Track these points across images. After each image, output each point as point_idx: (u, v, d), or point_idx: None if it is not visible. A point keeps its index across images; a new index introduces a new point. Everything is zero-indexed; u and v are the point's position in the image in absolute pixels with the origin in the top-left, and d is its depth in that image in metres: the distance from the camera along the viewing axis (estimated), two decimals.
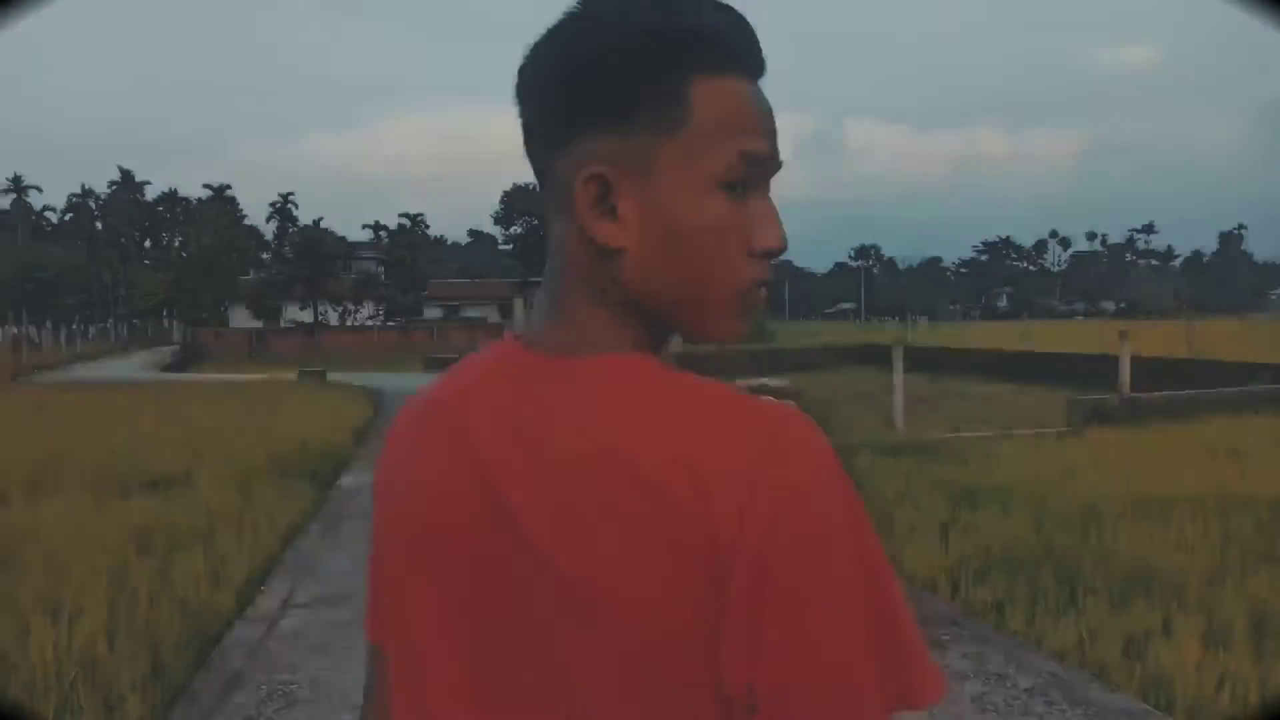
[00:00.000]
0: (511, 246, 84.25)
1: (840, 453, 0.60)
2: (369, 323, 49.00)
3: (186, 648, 4.36)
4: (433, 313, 54.08)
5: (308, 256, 46.76)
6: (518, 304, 29.08)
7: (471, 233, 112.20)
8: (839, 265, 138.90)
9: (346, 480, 8.83)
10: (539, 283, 0.71)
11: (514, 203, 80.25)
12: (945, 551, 5.82)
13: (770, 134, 0.67)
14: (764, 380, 23.42)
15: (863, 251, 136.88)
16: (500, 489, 0.64)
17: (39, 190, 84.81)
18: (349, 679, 3.86)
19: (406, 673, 0.71)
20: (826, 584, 0.57)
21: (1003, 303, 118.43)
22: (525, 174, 0.74)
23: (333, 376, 23.40)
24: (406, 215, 71.06)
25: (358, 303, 50.44)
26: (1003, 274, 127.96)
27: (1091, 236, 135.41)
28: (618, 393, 0.63)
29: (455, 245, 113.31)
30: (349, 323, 48.25)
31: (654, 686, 0.59)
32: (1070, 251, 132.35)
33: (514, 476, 0.64)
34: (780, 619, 0.56)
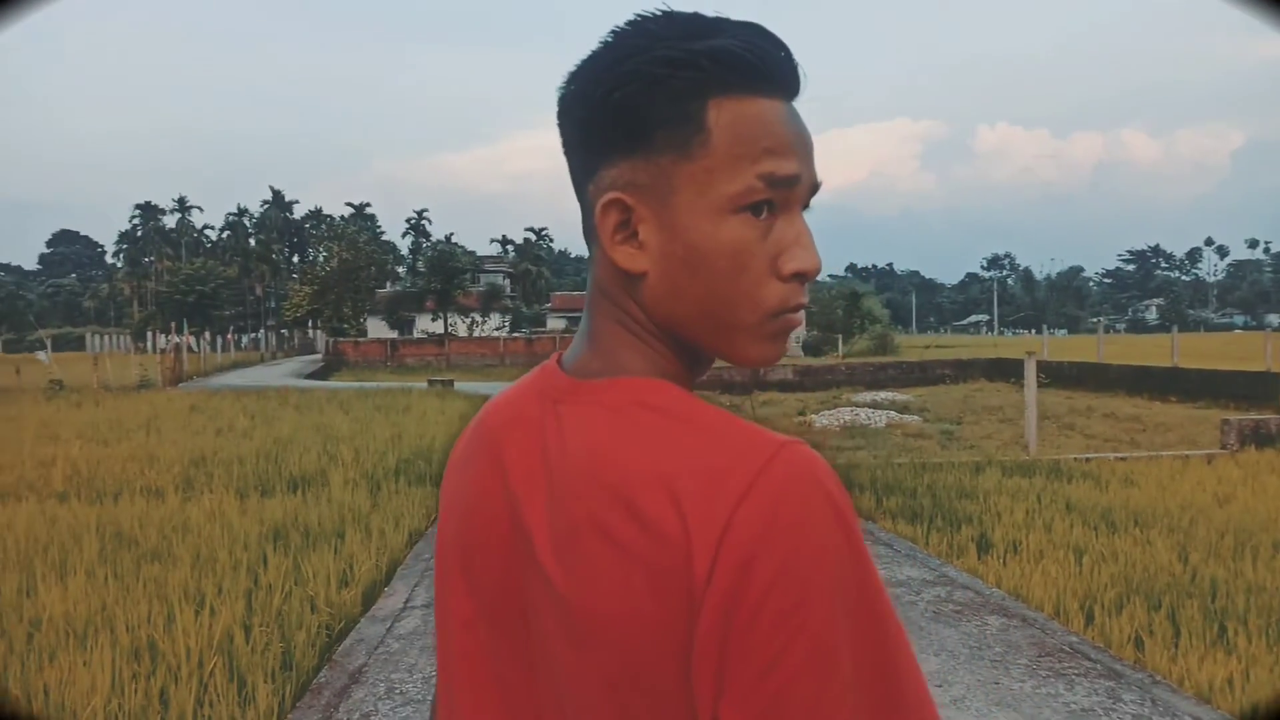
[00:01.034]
0: None
1: (964, 471, 0.55)
2: (495, 333, 50.51)
3: (314, 643, 4.59)
4: (556, 323, 55.25)
5: (439, 271, 48.67)
6: None
7: None
8: (970, 276, 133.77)
9: None
10: None
11: None
12: (1078, 578, 5.48)
13: (798, 154, 0.65)
14: (885, 394, 22.79)
15: (996, 261, 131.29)
16: (521, 506, 0.66)
17: (200, 210, 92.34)
18: None
19: (444, 677, 0.73)
20: (803, 630, 0.54)
21: (1151, 315, 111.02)
22: None
23: (460, 385, 24.20)
24: (532, 230, 73.42)
25: (485, 314, 52.11)
26: (1151, 284, 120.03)
27: (1253, 244, 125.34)
28: (623, 417, 0.63)
29: (579, 258, 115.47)
30: (476, 333, 49.86)
31: (633, 711, 0.58)
32: (1228, 260, 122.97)
33: (531, 495, 0.65)
34: (749, 660, 0.54)
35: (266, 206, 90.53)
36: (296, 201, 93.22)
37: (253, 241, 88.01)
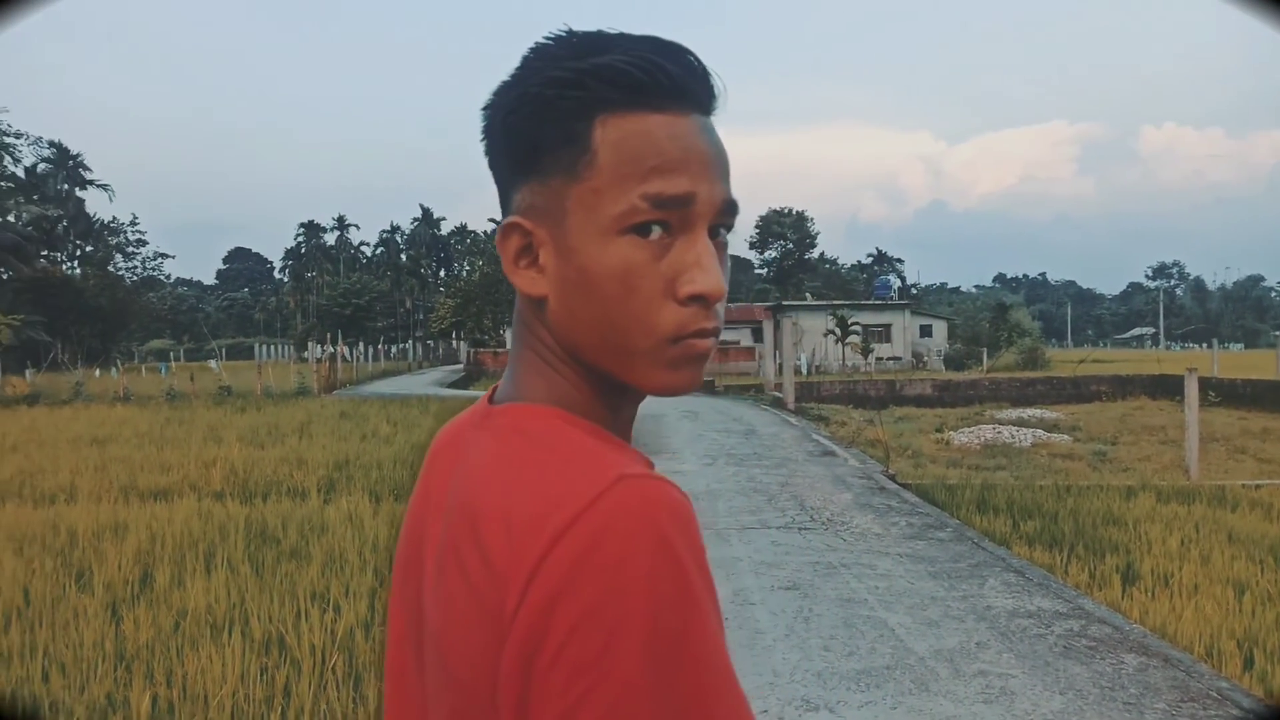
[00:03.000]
0: (766, 270, 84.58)
1: (1114, 496, 0.48)
2: None
3: None
4: None
5: None
6: (767, 327, 29.10)
7: (729, 257, 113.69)
8: (1133, 285, 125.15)
9: None
10: (793, 306, 0.69)
11: (769, 226, 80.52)
12: (1237, 617, 4.98)
13: (690, 172, 0.61)
14: (1032, 411, 21.55)
15: (1162, 270, 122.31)
16: (426, 530, 0.66)
17: (357, 227, 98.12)
18: None
19: (386, 690, 0.74)
20: (605, 679, 0.50)
21: None
22: (780, 197, 0.72)
23: None
24: None
25: None
26: None
27: None
28: (500, 443, 0.63)
29: None
30: None
31: None
32: None
33: (434, 519, 0.65)
34: (546, 707, 0.51)
35: (416, 223, 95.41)
36: (444, 218, 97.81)
37: (403, 257, 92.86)
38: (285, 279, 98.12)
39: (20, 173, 53.65)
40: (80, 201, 64.30)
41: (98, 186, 65.94)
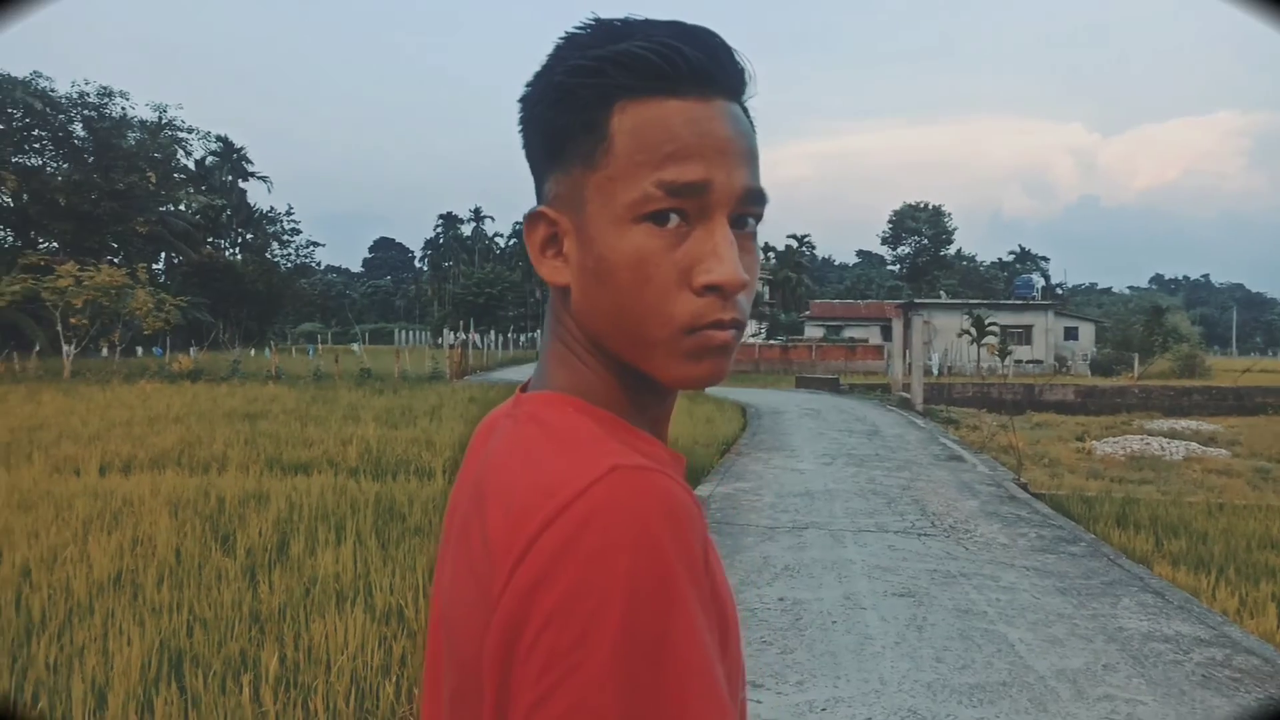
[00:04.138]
0: (898, 267, 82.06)
1: (1276, 517, 0.44)
2: (751, 339, 50.78)
3: None
4: (814, 331, 54.39)
5: None
6: (896, 326, 28.21)
7: (860, 253, 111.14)
8: None
9: (702, 489, 9.21)
10: (926, 304, 0.69)
11: (902, 221, 78.09)
12: None
13: (706, 159, 0.59)
14: (1187, 422, 20.03)
15: None
16: (455, 513, 0.67)
17: (492, 219, 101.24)
18: None
19: (424, 671, 0.76)
20: (577, 670, 0.49)
21: None
22: (914, 192, 0.72)
23: (711, 390, 24.58)
24: (794, 236, 72.83)
25: None
26: None
27: None
28: (518, 429, 0.63)
29: (841, 265, 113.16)
30: None
31: (464, 711, 0.58)
32: None
33: (461, 504, 0.66)
34: (523, 692, 0.51)
35: None
36: None
37: None
38: (424, 268, 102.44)
39: (191, 165, 58.12)
40: (243, 192, 69.08)
41: (258, 178, 70.69)
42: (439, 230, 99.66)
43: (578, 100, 0.61)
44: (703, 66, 0.60)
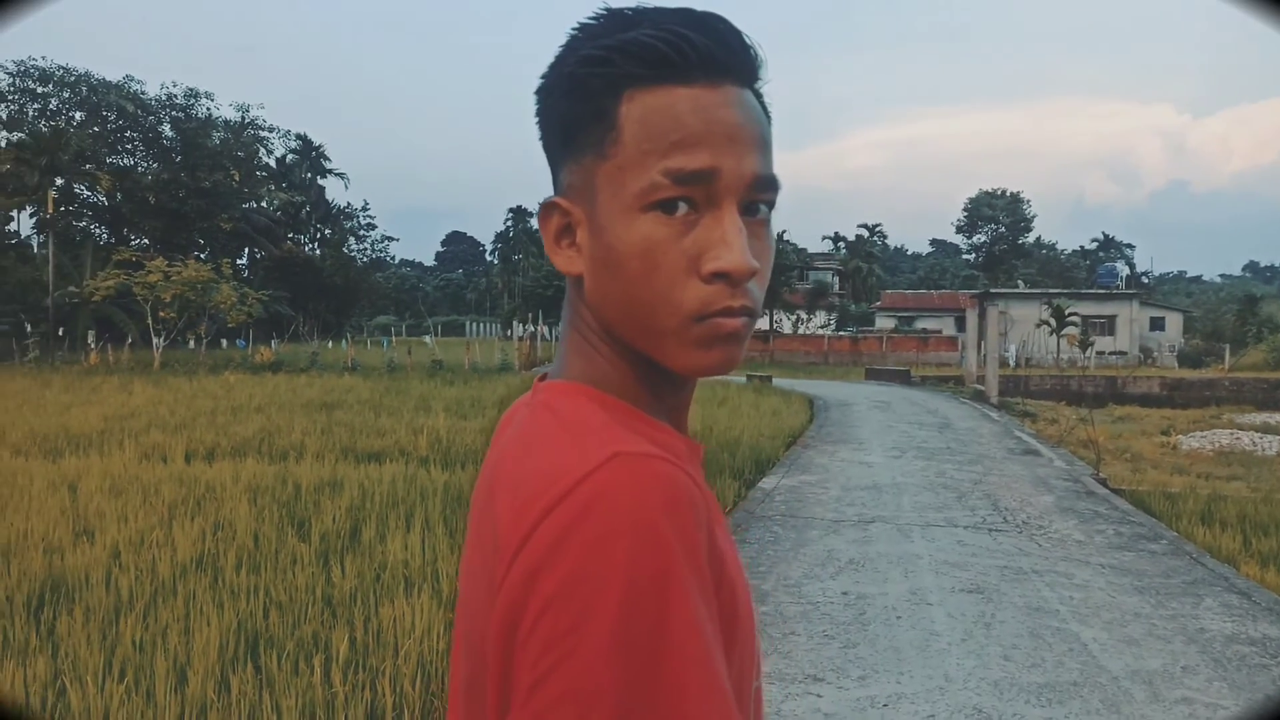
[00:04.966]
0: (974, 256, 79.91)
1: None
2: (820, 331, 50.16)
3: None
4: (885, 322, 53.39)
5: None
6: (971, 315, 27.48)
7: (934, 242, 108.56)
8: None
9: (767, 482, 9.16)
10: (1002, 294, 0.69)
11: (978, 209, 75.99)
12: None
13: (712, 147, 0.59)
14: (1267, 417, 19.05)
15: None
16: (474, 502, 0.69)
17: None
18: None
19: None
20: (573, 655, 0.49)
21: None
22: (991, 179, 0.72)
23: (778, 382, 24.37)
24: (865, 225, 71.63)
25: (810, 311, 51.89)
26: None
27: None
28: (532, 417, 0.64)
29: (915, 255, 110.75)
30: (801, 331, 49.85)
31: (473, 695, 0.59)
32: None
33: (478, 491, 0.68)
34: (523, 675, 0.51)
35: None
36: None
37: None
38: (494, 261, 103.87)
39: (272, 163, 60.07)
40: (321, 189, 71.09)
41: (335, 175, 72.63)
42: (509, 223, 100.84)
43: (587, 90, 0.62)
44: (710, 53, 0.60)
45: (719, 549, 0.58)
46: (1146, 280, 79.01)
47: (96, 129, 43.21)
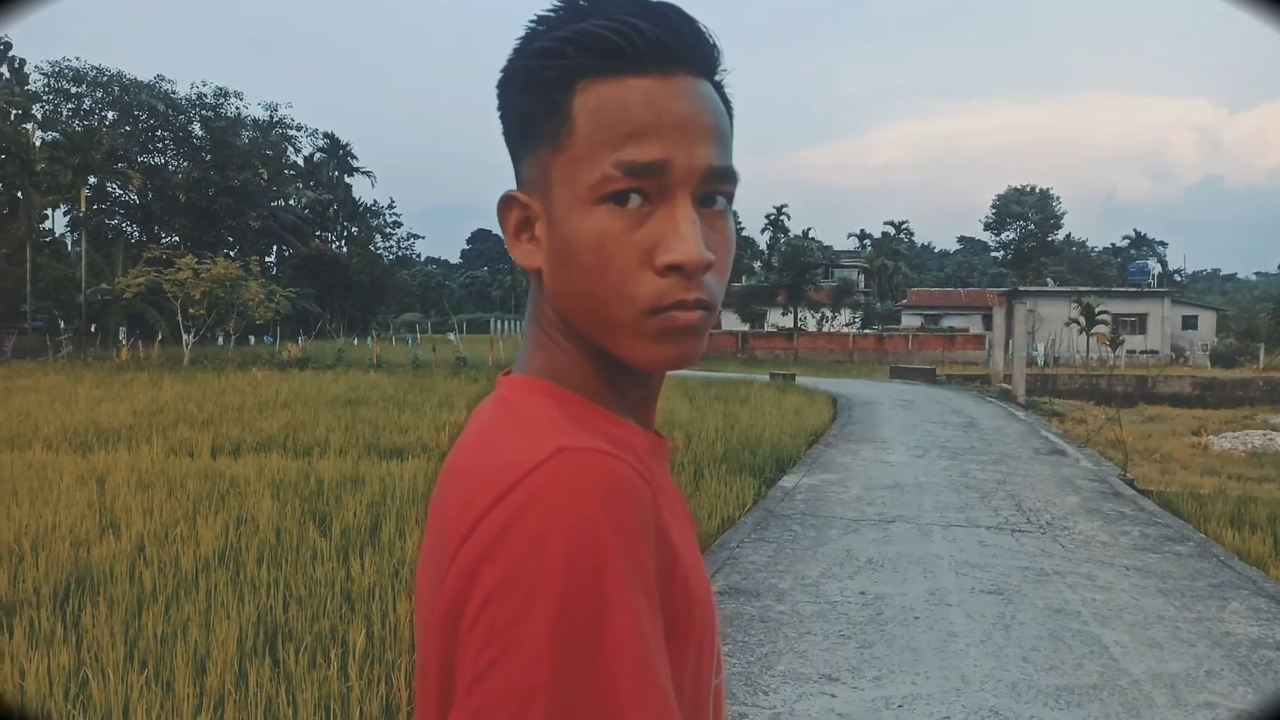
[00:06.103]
0: (1003, 253, 79.09)
1: None
2: (845, 329, 49.87)
3: None
4: (911, 320, 52.97)
5: (791, 265, 49.05)
6: (998, 313, 27.19)
7: (961, 239, 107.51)
8: None
9: (787, 480, 9.11)
10: (1030, 291, 0.68)
11: (1006, 206, 75.18)
12: None
13: (665, 138, 0.58)
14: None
15: None
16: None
17: None
18: (737, 670, 4.02)
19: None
20: (512, 650, 0.49)
21: None
22: (1020, 175, 0.70)
23: (802, 380, 24.26)
24: (891, 223, 71.16)
25: (835, 309, 51.59)
26: None
27: None
28: (488, 411, 0.64)
29: (942, 253, 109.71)
30: (826, 329, 49.59)
31: (428, 689, 0.59)
32: None
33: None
34: (465, 668, 0.52)
35: None
36: None
37: None
38: None
39: (299, 161, 60.69)
40: (348, 187, 71.65)
41: (362, 173, 73.21)
42: None
43: (542, 83, 0.61)
44: (661, 42, 0.60)
45: (671, 545, 0.57)
46: (1179, 278, 77.77)
47: (128, 128, 43.90)
